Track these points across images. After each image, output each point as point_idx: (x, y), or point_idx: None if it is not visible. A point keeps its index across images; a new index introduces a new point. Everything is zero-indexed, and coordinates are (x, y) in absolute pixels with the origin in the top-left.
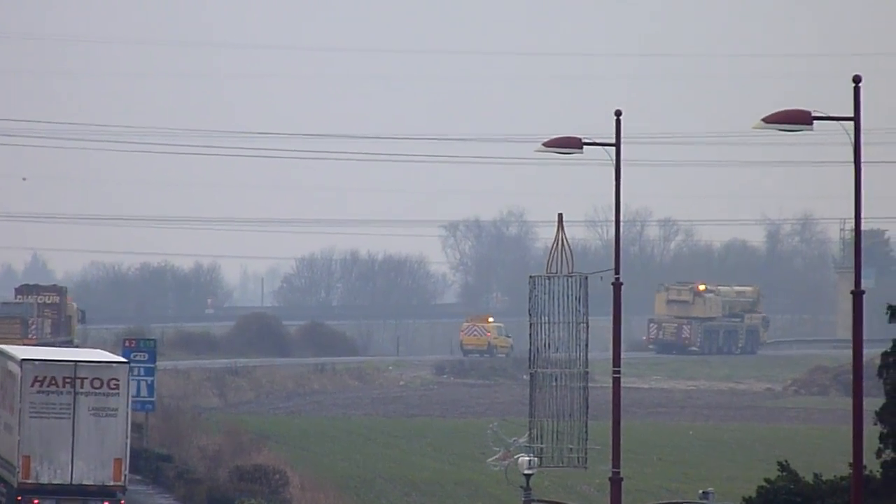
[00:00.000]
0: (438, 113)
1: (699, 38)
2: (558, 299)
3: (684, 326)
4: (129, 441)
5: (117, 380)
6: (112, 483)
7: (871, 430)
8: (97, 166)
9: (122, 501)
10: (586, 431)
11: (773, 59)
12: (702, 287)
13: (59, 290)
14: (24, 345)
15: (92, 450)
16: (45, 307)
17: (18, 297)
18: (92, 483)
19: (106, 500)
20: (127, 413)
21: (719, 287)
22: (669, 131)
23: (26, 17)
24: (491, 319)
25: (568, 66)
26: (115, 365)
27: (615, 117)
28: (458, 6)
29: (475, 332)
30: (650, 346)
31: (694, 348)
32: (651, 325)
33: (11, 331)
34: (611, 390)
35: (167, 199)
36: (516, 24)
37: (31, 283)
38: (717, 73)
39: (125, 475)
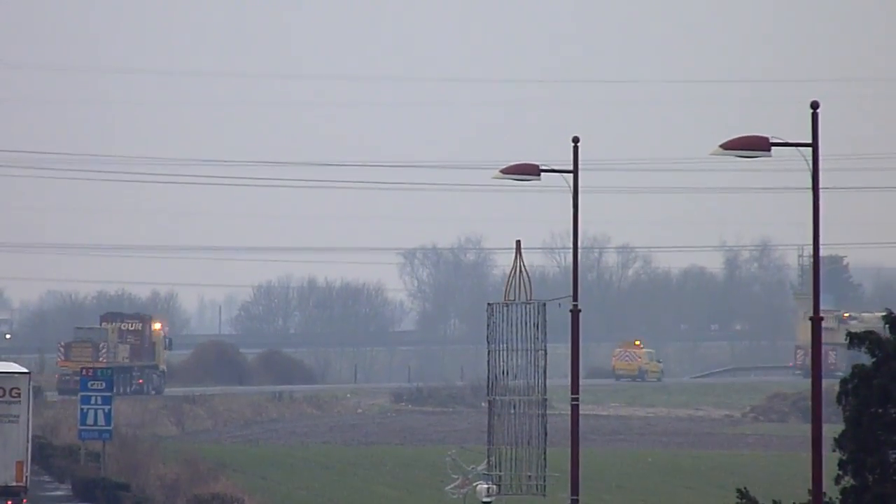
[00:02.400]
0: (396, 139)
1: (656, 65)
2: (516, 326)
3: (829, 353)
4: (30, 445)
5: (19, 389)
6: (14, 483)
7: (831, 457)
8: (54, 194)
9: (25, 501)
10: (545, 459)
11: (731, 85)
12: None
13: (142, 318)
14: (95, 367)
15: None
16: (128, 333)
17: (103, 323)
18: None
19: (9, 500)
20: (28, 419)
21: (863, 314)
22: (627, 158)
23: None
24: (639, 343)
25: (526, 92)
26: (16, 375)
27: (573, 144)
28: (415, 33)
29: (627, 358)
30: (797, 372)
31: (839, 373)
32: (797, 351)
33: (83, 354)
34: (569, 417)
35: (124, 227)
36: (475, 51)
37: (116, 311)
38: (675, 99)
39: (27, 476)
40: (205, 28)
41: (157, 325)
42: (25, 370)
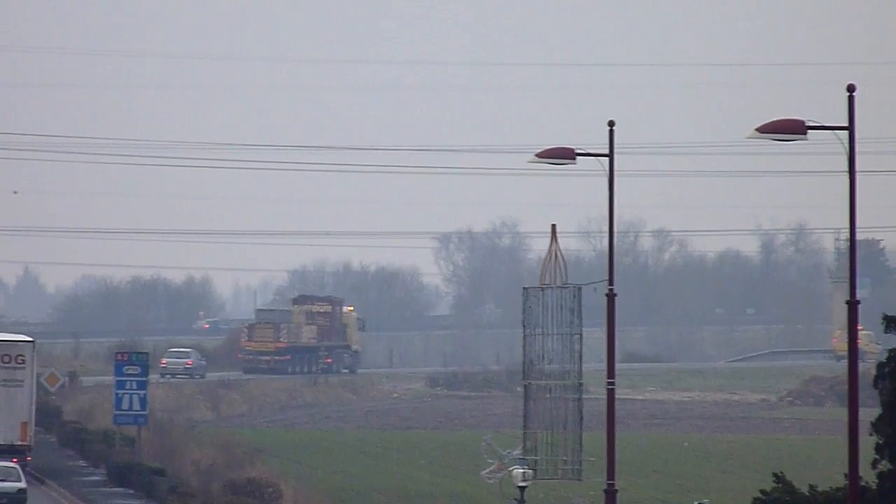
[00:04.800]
0: (431, 124)
1: (692, 48)
2: (552, 310)
3: None
4: (34, 408)
5: (23, 356)
6: (20, 443)
7: (867, 441)
8: (88, 179)
9: (29, 458)
10: (580, 443)
11: (766, 68)
12: None
13: (332, 301)
14: (276, 348)
15: (2, 415)
16: (317, 315)
17: (294, 305)
18: (3, 443)
19: (14, 458)
20: (32, 384)
21: None
22: (663, 141)
23: (17, 29)
24: (859, 326)
25: (561, 76)
26: (21, 343)
27: (608, 128)
28: (448, 16)
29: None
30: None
31: None
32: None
33: (265, 335)
34: (605, 402)
35: (158, 212)
36: (508, 35)
37: (308, 293)
38: (711, 82)
39: (31, 436)
40: (247, 12)
41: (349, 308)
42: (29, 339)
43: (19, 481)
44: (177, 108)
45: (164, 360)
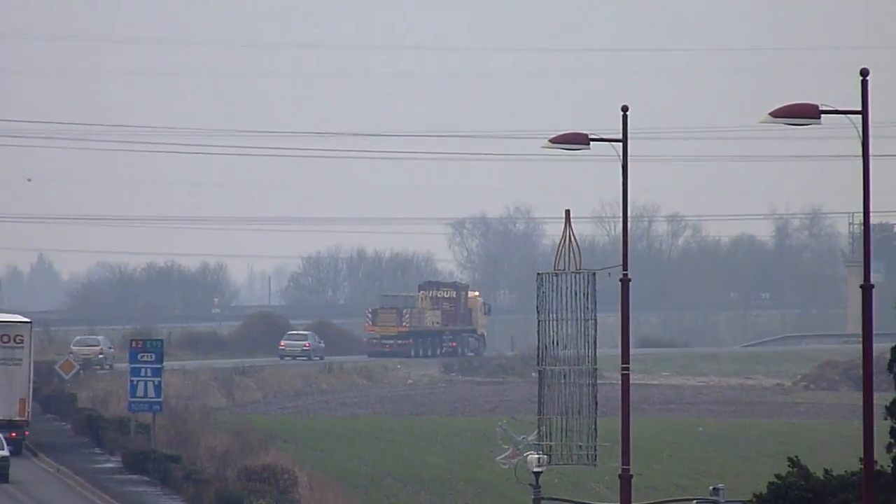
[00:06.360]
0: (444, 110)
1: (706, 33)
2: (566, 296)
3: None
4: (31, 385)
5: (22, 336)
6: (18, 418)
7: (882, 425)
8: (102, 167)
9: (27, 433)
10: (595, 428)
11: (779, 52)
12: None
13: (457, 286)
14: (398, 332)
15: (2, 392)
16: (442, 300)
17: (420, 291)
18: (2, 418)
19: (13, 432)
20: (29, 363)
21: None
22: (677, 126)
23: (28, 16)
24: None
25: (575, 61)
26: (19, 324)
27: (622, 113)
28: (462, 2)
29: None
30: None
31: None
32: None
33: (388, 320)
34: (619, 387)
35: (173, 198)
36: (522, 21)
37: (433, 280)
38: (724, 67)
39: (28, 411)
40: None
41: (474, 293)
42: (27, 320)
43: (2, 449)
44: (192, 94)
45: (282, 343)
